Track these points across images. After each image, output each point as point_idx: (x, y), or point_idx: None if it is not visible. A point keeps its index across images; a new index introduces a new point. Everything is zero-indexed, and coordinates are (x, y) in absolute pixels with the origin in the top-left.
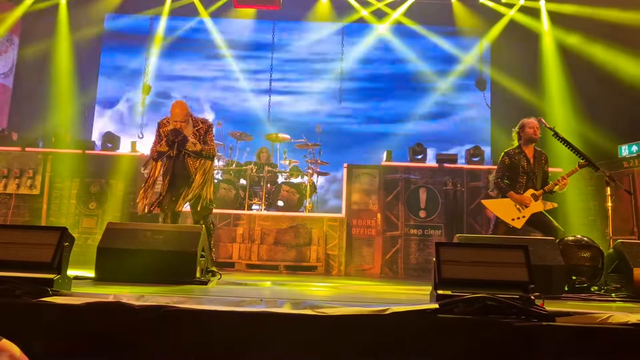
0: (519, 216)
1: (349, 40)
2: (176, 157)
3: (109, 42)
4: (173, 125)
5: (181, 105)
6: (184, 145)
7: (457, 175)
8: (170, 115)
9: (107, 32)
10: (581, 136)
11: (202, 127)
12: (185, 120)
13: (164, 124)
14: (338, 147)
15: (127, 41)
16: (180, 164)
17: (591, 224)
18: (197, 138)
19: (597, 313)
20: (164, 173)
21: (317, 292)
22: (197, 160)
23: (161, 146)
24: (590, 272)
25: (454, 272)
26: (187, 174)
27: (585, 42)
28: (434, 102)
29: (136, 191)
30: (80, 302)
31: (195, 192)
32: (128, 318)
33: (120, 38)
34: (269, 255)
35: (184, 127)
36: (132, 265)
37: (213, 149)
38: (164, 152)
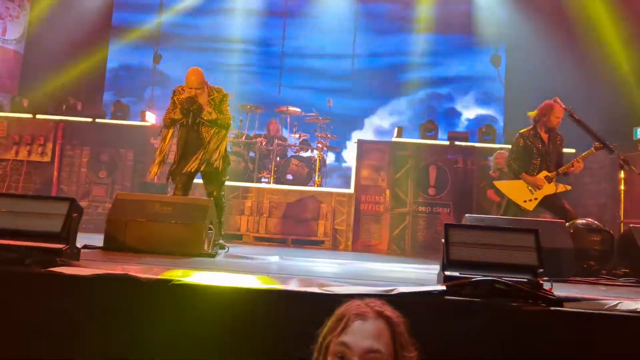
0: (531, 198)
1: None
2: (190, 126)
3: (121, 7)
4: (188, 92)
5: (197, 72)
6: (200, 113)
7: (468, 153)
8: (185, 83)
9: None
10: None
11: (216, 96)
12: (201, 87)
13: (179, 92)
14: (348, 121)
15: (139, 7)
16: (195, 133)
17: (602, 207)
18: (212, 107)
19: (605, 299)
20: (178, 142)
21: (327, 269)
22: (211, 128)
23: (175, 114)
24: (599, 256)
25: (462, 254)
26: (201, 143)
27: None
28: (447, 77)
29: (146, 161)
30: (89, 273)
31: (209, 156)
32: (135, 290)
33: (132, 5)
34: (277, 228)
35: (199, 94)
36: (141, 236)
37: (228, 118)
38: (177, 119)
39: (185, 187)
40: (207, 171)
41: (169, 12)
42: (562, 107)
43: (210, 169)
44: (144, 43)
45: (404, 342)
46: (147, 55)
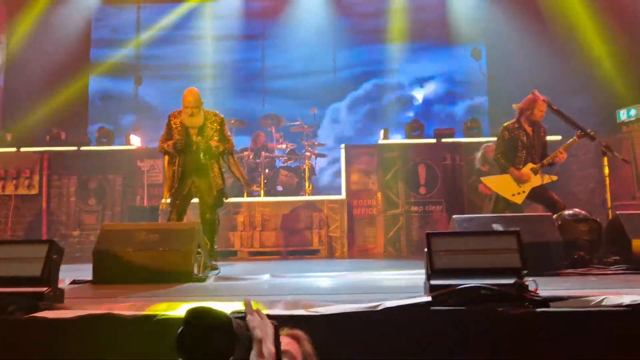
0: (519, 191)
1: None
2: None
3: (98, 34)
4: (185, 113)
5: (193, 92)
6: (209, 151)
7: (456, 149)
8: (183, 103)
9: (95, 24)
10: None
11: (215, 119)
12: (198, 106)
13: (175, 116)
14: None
15: (116, 32)
16: (192, 157)
17: (591, 192)
18: (213, 131)
19: (590, 295)
20: (176, 167)
21: (318, 284)
22: None
23: (168, 146)
24: (589, 246)
25: (446, 262)
26: (198, 165)
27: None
28: (429, 74)
29: (134, 184)
30: (72, 315)
31: (218, 188)
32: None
33: (109, 29)
34: (271, 241)
35: (196, 113)
36: (129, 266)
37: (232, 142)
38: (169, 153)
39: (180, 211)
40: (210, 194)
41: (146, 42)
42: (540, 98)
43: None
44: (123, 71)
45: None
46: (127, 82)
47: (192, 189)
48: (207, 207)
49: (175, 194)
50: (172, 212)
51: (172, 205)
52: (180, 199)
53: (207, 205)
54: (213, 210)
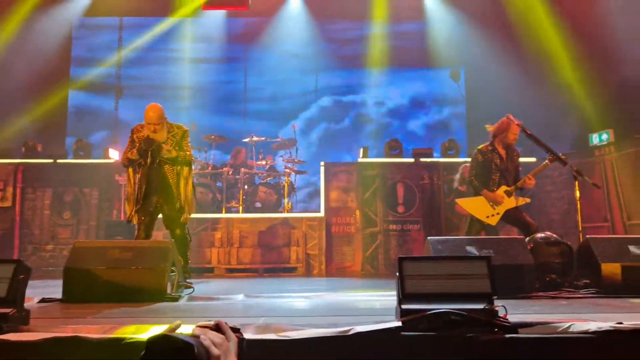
0: (493, 213)
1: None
2: (151, 165)
3: (79, 48)
4: (147, 129)
5: (155, 108)
6: (159, 152)
7: (434, 169)
8: (145, 119)
9: (76, 37)
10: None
11: (177, 132)
12: (160, 123)
13: (138, 130)
14: (315, 144)
15: (95, 50)
16: (156, 172)
17: (565, 213)
18: (173, 144)
19: (558, 322)
20: (139, 181)
21: (293, 304)
22: (174, 167)
23: (132, 154)
24: (560, 269)
25: (417, 287)
26: (165, 183)
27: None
28: (409, 94)
29: (112, 198)
30: (36, 338)
31: (185, 206)
32: (87, 352)
33: (91, 41)
34: (249, 258)
35: (159, 129)
36: (101, 285)
37: (190, 155)
38: (134, 160)
39: (148, 228)
40: (176, 212)
41: (126, 62)
42: (514, 122)
43: (180, 212)
44: (103, 88)
45: None
46: (106, 98)
47: (157, 205)
48: (175, 223)
49: (142, 210)
50: (139, 230)
51: (140, 222)
52: (147, 216)
53: (174, 222)
54: (182, 225)
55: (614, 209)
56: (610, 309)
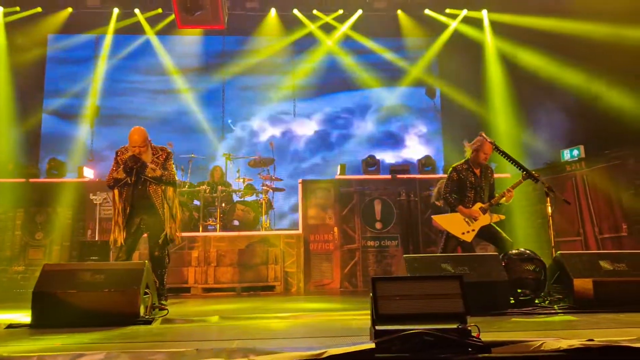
0: (469, 230)
1: (300, 56)
2: (135, 185)
3: (53, 63)
4: (132, 151)
5: (140, 131)
6: (143, 171)
7: (410, 185)
8: (129, 142)
9: (51, 53)
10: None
11: (161, 154)
12: (144, 145)
13: (122, 152)
14: (292, 162)
15: (72, 62)
16: (141, 192)
17: (539, 227)
18: (157, 165)
19: (530, 341)
20: (124, 202)
21: (269, 326)
22: (158, 187)
23: (118, 173)
24: (534, 284)
25: (391, 307)
26: (149, 203)
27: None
28: (386, 112)
29: (85, 218)
30: None
31: (172, 228)
32: None
33: (65, 59)
34: (226, 277)
35: (143, 152)
36: (72, 308)
37: (173, 174)
38: (120, 179)
39: (130, 249)
40: (154, 233)
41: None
42: (487, 140)
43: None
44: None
45: None
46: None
47: (141, 226)
48: (156, 244)
49: (125, 232)
50: (120, 250)
51: (122, 244)
52: (129, 236)
53: (156, 243)
54: (162, 247)
55: (586, 223)
56: (582, 324)
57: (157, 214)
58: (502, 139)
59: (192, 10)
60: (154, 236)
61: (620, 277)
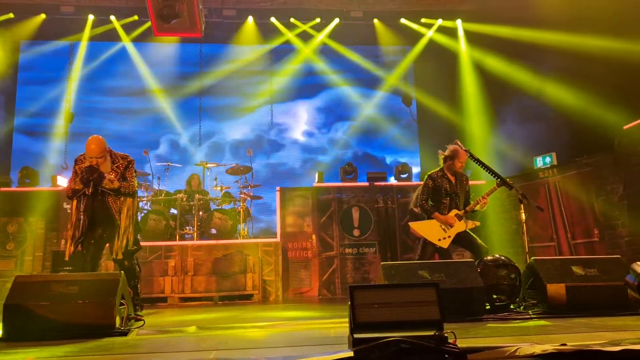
0: (445, 236)
1: (277, 64)
2: (94, 196)
3: (26, 70)
4: (89, 162)
5: (97, 140)
6: (100, 183)
7: (388, 192)
8: (86, 152)
9: (23, 60)
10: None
11: (121, 163)
12: (102, 156)
13: (80, 160)
14: (270, 170)
15: (45, 69)
16: (100, 203)
17: (514, 233)
18: (116, 175)
19: (505, 347)
20: (84, 212)
21: (247, 335)
22: (117, 199)
23: (75, 184)
24: (509, 290)
25: (369, 315)
26: (108, 214)
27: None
28: (363, 120)
29: (59, 228)
30: None
31: (124, 240)
32: None
33: (39, 65)
34: (203, 286)
35: (102, 162)
36: (45, 321)
37: (133, 185)
38: (78, 190)
39: (94, 259)
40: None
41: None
42: (462, 148)
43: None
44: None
45: None
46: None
47: (103, 235)
48: (120, 254)
49: (86, 242)
50: (85, 262)
51: (86, 254)
52: (92, 247)
53: (120, 253)
54: (129, 256)
55: (559, 228)
56: (556, 329)
57: (116, 225)
58: (477, 146)
59: (168, 18)
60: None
61: (591, 282)
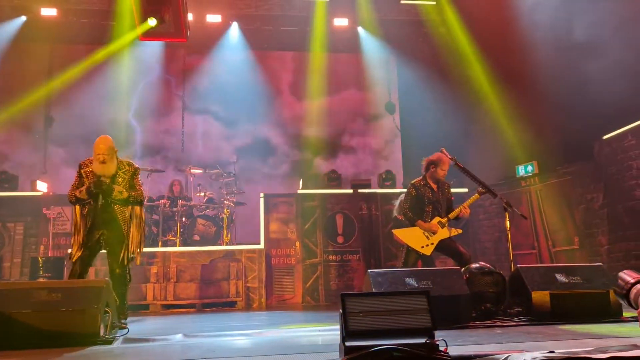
0: (428, 243)
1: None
2: (98, 202)
3: (6, 72)
4: (96, 159)
5: (106, 140)
6: (110, 194)
7: (372, 199)
8: (94, 150)
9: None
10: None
11: (128, 169)
12: (110, 154)
13: (86, 165)
14: (254, 176)
15: (26, 72)
16: (103, 209)
17: (497, 240)
18: (124, 182)
19: (496, 354)
20: (86, 216)
21: (234, 344)
22: (125, 207)
23: (81, 193)
24: (494, 298)
25: (360, 323)
26: (111, 217)
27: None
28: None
29: (38, 234)
30: None
31: (135, 248)
32: None
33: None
34: (186, 293)
35: (108, 160)
36: (26, 330)
37: (141, 193)
38: (83, 200)
39: (85, 263)
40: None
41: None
42: (447, 156)
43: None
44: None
45: None
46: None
47: (100, 241)
48: (117, 261)
49: (82, 245)
50: (75, 264)
51: (78, 257)
52: (87, 251)
53: (117, 260)
54: (123, 265)
55: (540, 236)
56: (542, 336)
57: (119, 229)
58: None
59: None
60: (114, 253)
61: (575, 290)
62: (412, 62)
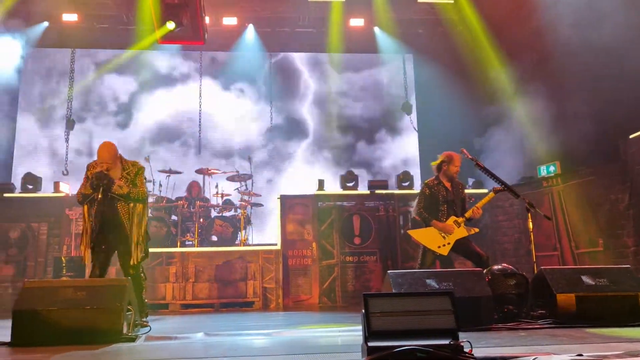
0: (444, 243)
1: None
2: (103, 201)
3: (28, 77)
4: (100, 167)
5: (108, 146)
6: (110, 188)
7: (389, 200)
8: (97, 158)
9: (26, 66)
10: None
11: (131, 169)
12: (113, 162)
13: (93, 166)
14: (272, 177)
15: (48, 76)
16: (109, 209)
17: (517, 242)
18: (126, 181)
19: (521, 356)
20: (94, 217)
21: (254, 343)
22: (127, 204)
23: (85, 189)
24: (517, 300)
25: (383, 324)
26: (118, 221)
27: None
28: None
29: (61, 234)
30: None
31: (138, 251)
32: None
33: (40, 73)
34: (204, 293)
35: (112, 168)
36: (54, 327)
37: (143, 191)
38: (88, 195)
39: (103, 265)
40: (124, 252)
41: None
42: (467, 156)
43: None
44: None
45: None
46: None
47: (112, 243)
48: (127, 262)
49: (97, 247)
50: (94, 267)
51: (94, 260)
52: (102, 253)
53: (127, 261)
54: (136, 265)
55: (563, 238)
56: (568, 339)
57: (125, 232)
58: (479, 154)
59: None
60: (121, 254)
61: (602, 292)
62: (430, 62)
